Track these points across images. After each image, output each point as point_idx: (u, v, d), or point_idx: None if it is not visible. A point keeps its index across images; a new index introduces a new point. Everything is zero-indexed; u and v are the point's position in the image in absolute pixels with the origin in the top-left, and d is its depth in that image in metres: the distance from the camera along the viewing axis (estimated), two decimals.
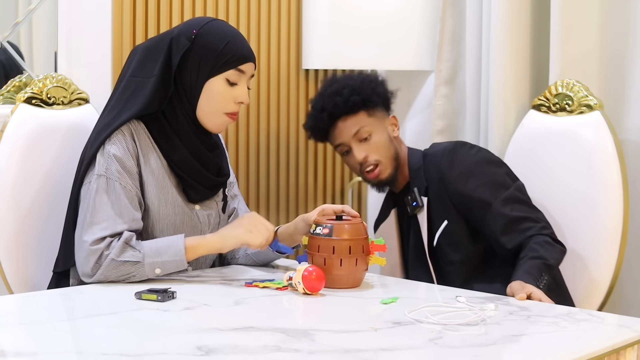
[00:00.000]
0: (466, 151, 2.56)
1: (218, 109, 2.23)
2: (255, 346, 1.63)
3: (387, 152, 2.60)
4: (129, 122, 2.19)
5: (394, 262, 2.67)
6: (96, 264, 2.08)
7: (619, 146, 2.61)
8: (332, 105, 2.60)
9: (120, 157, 2.15)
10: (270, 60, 3.31)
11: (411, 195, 2.58)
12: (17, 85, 2.71)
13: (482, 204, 2.46)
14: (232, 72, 2.22)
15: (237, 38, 2.25)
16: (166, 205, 2.21)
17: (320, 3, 3.30)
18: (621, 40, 2.88)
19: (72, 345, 1.67)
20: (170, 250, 2.11)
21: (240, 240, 2.15)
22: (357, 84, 2.61)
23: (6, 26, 2.75)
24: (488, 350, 1.66)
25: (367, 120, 2.60)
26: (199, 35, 2.22)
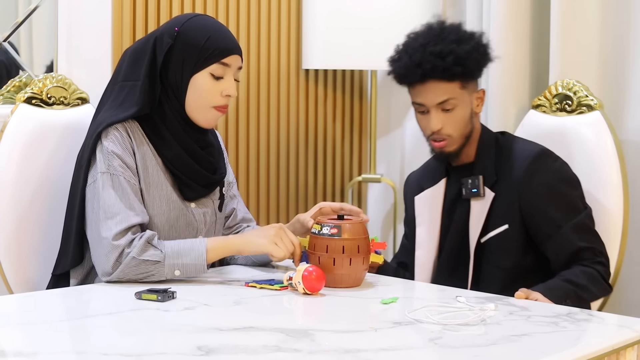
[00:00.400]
0: (550, 163, 2.42)
1: (205, 103, 2.23)
2: (255, 346, 1.63)
3: (462, 129, 2.42)
4: (124, 121, 2.19)
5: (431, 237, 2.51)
6: (116, 261, 2.08)
7: (619, 146, 2.61)
8: (431, 67, 2.38)
9: (119, 153, 2.16)
10: (270, 60, 3.31)
11: (473, 179, 2.43)
12: (17, 85, 2.71)
13: (553, 223, 2.36)
14: (215, 66, 2.21)
15: (219, 32, 2.25)
16: (160, 203, 2.21)
17: (320, 3, 3.30)
18: (621, 40, 2.88)
19: (72, 345, 1.67)
20: (192, 253, 2.11)
21: (263, 250, 2.15)
22: (464, 53, 2.38)
23: (6, 26, 2.75)
24: (488, 350, 1.66)
25: (458, 92, 2.41)
26: (180, 33, 2.22)
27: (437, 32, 2.43)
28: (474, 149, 2.47)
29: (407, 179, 2.67)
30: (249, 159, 3.28)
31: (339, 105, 3.57)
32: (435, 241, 2.50)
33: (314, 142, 3.49)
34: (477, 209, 2.41)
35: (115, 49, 2.87)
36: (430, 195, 2.52)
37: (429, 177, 2.56)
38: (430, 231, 2.49)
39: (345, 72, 3.59)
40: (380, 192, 3.70)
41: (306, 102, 3.46)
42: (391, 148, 3.68)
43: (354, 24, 3.26)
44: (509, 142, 2.48)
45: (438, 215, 2.50)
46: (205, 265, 2.12)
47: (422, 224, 2.51)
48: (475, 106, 2.45)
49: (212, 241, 2.14)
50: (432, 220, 2.50)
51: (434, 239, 2.50)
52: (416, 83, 2.41)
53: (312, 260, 2.10)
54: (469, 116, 2.43)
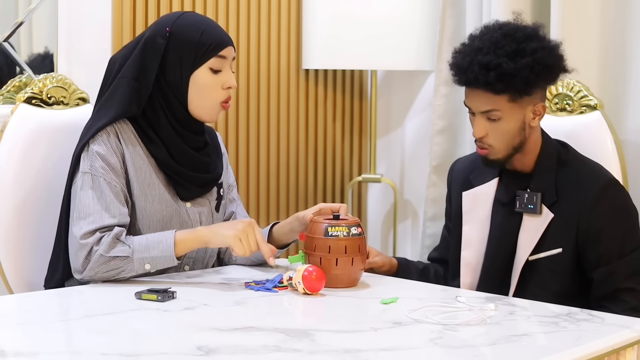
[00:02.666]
0: (616, 194, 2.31)
1: (210, 99, 2.23)
2: (255, 346, 1.63)
3: (508, 141, 2.30)
4: (113, 123, 2.19)
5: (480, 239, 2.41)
6: (86, 259, 2.09)
7: (619, 146, 2.61)
8: (474, 78, 2.26)
9: (103, 154, 2.16)
10: (270, 60, 3.31)
11: (530, 195, 2.31)
12: (17, 85, 2.71)
13: (605, 255, 2.26)
14: (213, 60, 2.21)
15: (211, 26, 2.25)
16: (153, 202, 2.21)
17: (320, 3, 3.30)
18: (621, 40, 2.88)
19: (72, 345, 1.67)
20: (160, 246, 2.11)
21: (227, 243, 2.12)
22: (511, 69, 2.23)
23: (6, 26, 2.75)
24: (488, 350, 1.66)
25: (505, 105, 2.27)
26: (173, 32, 2.22)
27: (497, 38, 2.28)
28: (532, 159, 2.35)
29: (453, 166, 2.57)
30: (249, 159, 3.28)
31: (339, 105, 3.57)
32: (484, 244, 2.40)
33: (314, 142, 3.49)
34: (531, 225, 2.31)
35: (115, 49, 2.87)
36: (480, 194, 2.42)
37: (479, 174, 2.44)
38: (480, 233, 2.40)
39: (345, 72, 3.59)
40: (380, 192, 3.70)
41: (306, 102, 3.46)
42: (391, 148, 3.68)
43: (354, 24, 3.26)
44: (574, 162, 2.35)
45: (488, 217, 2.40)
46: (174, 257, 2.12)
47: (470, 223, 2.42)
48: (531, 119, 2.30)
49: (181, 233, 2.14)
50: (482, 222, 2.40)
51: (483, 242, 2.40)
52: (464, 86, 2.33)
53: (313, 260, 2.10)
54: (517, 129, 2.29)
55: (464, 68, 2.28)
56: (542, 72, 2.26)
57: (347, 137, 3.61)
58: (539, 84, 2.28)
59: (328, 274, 2.05)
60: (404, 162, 3.66)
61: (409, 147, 3.65)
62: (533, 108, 2.30)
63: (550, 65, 2.28)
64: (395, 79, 3.66)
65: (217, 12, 3.14)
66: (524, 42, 2.26)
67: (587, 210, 2.26)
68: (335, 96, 3.55)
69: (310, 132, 3.47)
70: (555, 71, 2.31)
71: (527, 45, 2.26)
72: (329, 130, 3.54)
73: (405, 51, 3.29)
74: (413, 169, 3.62)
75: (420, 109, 3.59)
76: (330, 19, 3.28)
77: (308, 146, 3.47)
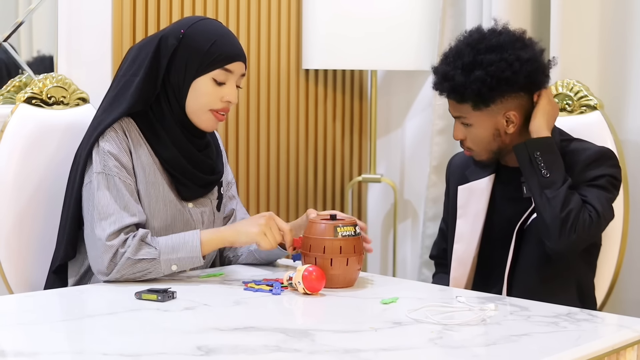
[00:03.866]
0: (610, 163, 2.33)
1: (204, 106, 2.22)
2: (255, 346, 1.63)
3: (485, 145, 2.35)
4: (120, 120, 2.20)
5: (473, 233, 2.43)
6: (111, 262, 2.09)
7: (619, 146, 2.61)
8: (435, 85, 2.38)
9: (115, 153, 2.16)
10: (270, 60, 3.31)
11: None
12: (17, 85, 2.71)
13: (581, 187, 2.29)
14: (218, 71, 2.21)
15: (225, 37, 2.24)
16: (157, 202, 2.21)
17: (320, 3, 3.30)
18: (621, 40, 2.88)
19: (72, 345, 1.67)
20: (186, 247, 2.12)
21: (253, 239, 2.15)
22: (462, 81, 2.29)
23: (6, 26, 2.75)
24: (488, 350, 1.66)
25: (470, 113, 2.33)
26: (186, 35, 2.22)
27: (461, 48, 2.34)
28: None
29: (450, 161, 2.59)
30: (249, 159, 3.28)
31: (339, 105, 3.57)
32: (477, 237, 2.43)
33: (314, 142, 3.49)
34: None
35: (115, 49, 2.87)
36: (475, 189, 2.44)
37: (475, 169, 2.47)
38: (474, 226, 2.43)
39: (345, 72, 3.59)
40: (380, 192, 3.70)
41: (306, 102, 3.46)
42: (391, 148, 3.68)
43: (354, 24, 3.26)
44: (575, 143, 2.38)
45: (482, 211, 2.43)
46: (201, 258, 2.13)
47: (463, 217, 2.45)
48: (505, 127, 2.33)
49: (205, 233, 2.15)
50: (475, 216, 2.43)
51: (476, 235, 2.43)
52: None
53: (308, 261, 2.10)
54: (490, 136, 2.34)
55: (435, 74, 2.39)
56: (497, 85, 2.27)
57: (347, 137, 3.61)
58: (495, 96, 2.29)
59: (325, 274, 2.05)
60: (404, 162, 3.66)
61: (409, 147, 3.65)
62: (504, 116, 2.32)
63: (506, 78, 2.27)
64: (395, 79, 3.66)
65: (217, 12, 3.14)
66: (483, 54, 2.29)
67: (578, 171, 2.30)
68: (335, 96, 3.55)
69: (310, 132, 3.48)
70: (517, 82, 2.29)
71: (484, 57, 2.28)
72: (329, 130, 3.54)
73: (405, 51, 3.29)
74: (413, 169, 3.62)
75: (420, 109, 3.59)
76: (330, 19, 3.28)
77: (308, 146, 3.47)
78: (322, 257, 2.07)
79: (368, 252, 2.20)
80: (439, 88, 2.37)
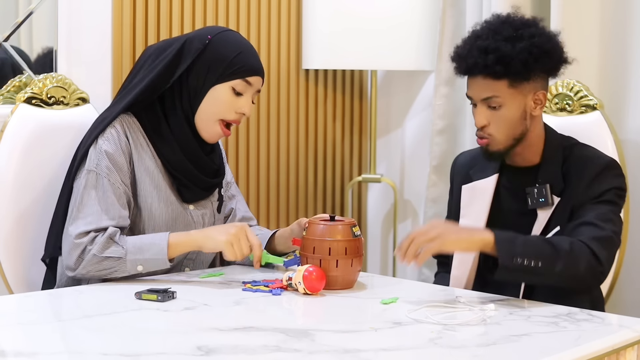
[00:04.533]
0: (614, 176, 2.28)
1: (216, 114, 2.23)
2: (255, 346, 1.63)
3: (509, 130, 2.29)
4: (121, 118, 2.20)
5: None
6: (79, 258, 2.10)
7: (619, 146, 2.61)
8: (473, 63, 2.27)
9: (111, 153, 2.17)
10: (270, 60, 3.31)
11: (539, 189, 2.29)
12: (17, 85, 2.71)
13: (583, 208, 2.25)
14: (239, 81, 2.23)
15: (250, 51, 2.27)
16: (159, 204, 2.22)
17: (320, 3, 3.30)
18: (621, 40, 2.88)
19: (72, 345, 1.67)
20: (153, 248, 2.12)
21: (219, 247, 2.14)
22: (509, 51, 2.24)
23: (6, 26, 2.75)
24: (488, 350, 1.66)
25: (505, 91, 2.26)
26: (212, 41, 2.24)
27: (496, 26, 2.31)
28: (536, 153, 2.34)
29: (456, 160, 2.56)
30: (249, 159, 3.28)
31: (339, 105, 3.57)
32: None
33: (314, 142, 3.49)
34: (543, 217, 2.29)
35: (115, 49, 2.87)
36: (478, 188, 2.41)
37: (479, 169, 2.44)
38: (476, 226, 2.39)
39: (345, 72, 3.59)
40: (380, 192, 3.70)
41: (306, 102, 3.46)
42: (391, 148, 3.68)
43: (354, 24, 3.26)
44: (579, 151, 2.34)
45: (484, 212, 2.39)
46: (167, 260, 2.13)
47: (466, 217, 2.42)
48: (532, 108, 2.29)
49: (174, 236, 2.14)
50: (478, 216, 2.40)
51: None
52: (465, 75, 2.33)
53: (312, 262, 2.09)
54: (518, 117, 2.29)
55: (464, 55, 2.29)
56: (540, 57, 2.26)
57: (347, 137, 3.61)
58: (538, 69, 2.28)
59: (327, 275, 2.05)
60: (404, 162, 3.66)
61: (409, 147, 3.65)
62: (534, 96, 2.29)
63: (548, 50, 2.28)
64: (395, 79, 3.66)
65: (217, 12, 3.14)
66: (522, 28, 2.28)
67: (583, 186, 2.25)
68: (335, 96, 3.55)
69: (310, 132, 3.47)
70: (554, 58, 2.30)
71: (524, 30, 2.28)
72: (329, 130, 3.54)
73: (405, 51, 3.29)
74: (413, 169, 3.62)
75: (420, 109, 3.59)
76: (330, 19, 3.28)
77: (308, 146, 3.47)
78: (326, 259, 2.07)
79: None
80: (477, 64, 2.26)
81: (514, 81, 2.26)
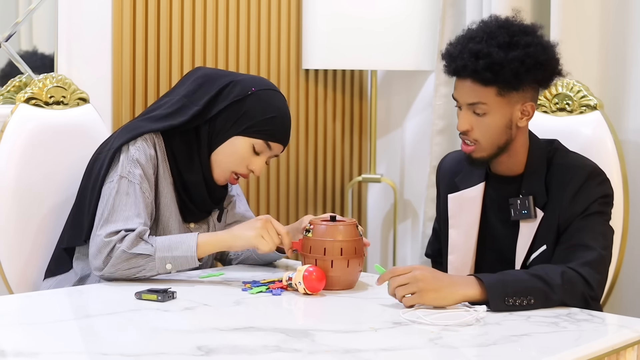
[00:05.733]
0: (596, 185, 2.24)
1: (228, 165, 2.27)
2: (255, 346, 1.64)
3: (493, 139, 2.24)
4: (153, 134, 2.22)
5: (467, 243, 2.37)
6: (108, 255, 2.10)
7: (619, 146, 2.61)
8: (462, 65, 2.21)
9: (143, 163, 2.19)
10: (270, 60, 3.31)
11: (522, 200, 2.26)
12: (17, 85, 2.71)
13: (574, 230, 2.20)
14: (261, 142, 2.25)
15: (285, 119, 2.28)
16: (169, 219, 2.25)
17: (320, 3, 3.30)
18: (621, 40, 2.88)
19: (72, 345, 1.67)
20: (182, 246, 2.12)
21: (250, 243, 2.15)
22: (501, 59, 2.18)
23: (6, 26, 2.75)
24: (488, 350, 1.66)
25: (491, 99, 2.21)
26: (254, 94, 2.26)
27: (492, 29, 2.24)
28: (520, 162, 2.30)
29: (440, 163, 2.52)
30: None
31: (339, 105, 3.57)
32: (472, 248, 2.37)
33: (314, 142, 3.49)
34: (526, 230, 2.27)
35: (115, 49, 2.87)
36: (466, 198, 2.37)
37: (464, 177, 2.39)
38: (467, 237, 2.37)
39: (345, 72, 3.59)
40: (380, 192, 3.70)
41: (306, 102, 3.46)
42: (391, 148, 3.68)
43: (354, 24, 3.26)
44: (560, 159, 2.30)
45: (475, 222, 2.35)
46: (196, 258, 2.13)
47: (456, 227, 2.39)
48: (518, 119, 2.24)
49: (203, 236, 2.16)
50: (469, 227, 2.37)
51: (471, 246, 2.37)
52: (454, 76, 2.28)
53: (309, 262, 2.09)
54: (502, 127, 2.23)
55: (455, 55, 2.24)
56: (533, 68, 2.20)
57: (347, 137, 3.61)
58: (529, 80, 2.22)
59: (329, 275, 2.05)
60: (404, 162, 3.66)
61: (409, 147, 3.65)
62: (521, 107, 2.24)
63: (542, 62, 2.22)
64: (395, 79, 3.66)
65: (217, 12, 3.14)
66: (518, 36, 2.22)
67: (567, 201, 2.22)
68: (335, 96, 3.55)
69: (310, 132, 3.47)
70: (548, 70, 2.25)
71: (520, 38, 2.21)
72: (329, 130, 3.54)
73: (405, 51, 3.29)
74: (413, 169, 3.62)
75: (420, 109, 3.59)
76: (330, 19, 3.28)
77: (308, 146, 3.47)
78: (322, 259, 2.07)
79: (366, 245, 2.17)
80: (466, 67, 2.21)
81: (502, 90, 2.20)
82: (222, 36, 3.15)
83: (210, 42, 3.12)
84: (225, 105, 2.24)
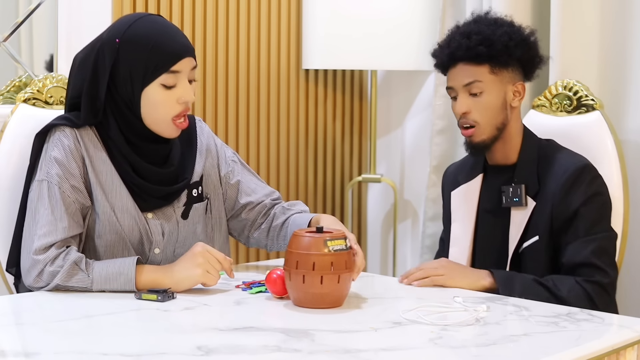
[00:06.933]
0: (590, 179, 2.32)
1: (163, 116, 2.10)
2: (255, 346, 1.64)
3: (491, 118, 2.35)
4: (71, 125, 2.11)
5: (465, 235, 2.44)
6: (37, 277, 2.01)
7: (619, 146, 2.61)
8: (457, 46, 2.35)
9: (60, 159, 2.08)
10: (270, 60, 3.31)
11: (515, 188, 2.34)
12: (17, 85, 2.71)
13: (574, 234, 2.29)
14: (165, 76, 2.07)
15: (165, 36, 2.08)
16: (115, 210, 2.12)
17: (320, 3, 3.30)
18: (621, 40, 2.88)
19: (72, 345, 1.67)
20: (120, 279, 2.01)
21: (197, 282, 2.03)
22: (492, 35, 2.33)
23: (6, 26, 2.75)
24: (488, 350, 1.66)
25: (486, 77, 2.34)
26: (122, 44, 2.07)
27: (476, 18, 2.44)
28: (514, 151, 2.39)
29: (445, 171, 2.61)
30: (249, 159, 3.28)
31: (339, 105, 3.57)
32: (469, 240, 2.43)
33: (314, 142, 3.49)
34: (518, 218, 2.34)
35: None
36: (465, 191, 2.46)
37: (465, 172, 2.49)
38: (465, 229, 2.44)
39: (345, 72, 3.59)
40: (380, 192, 3.70)
41: (306, 102, 3.46)
42: (391, 148, 3.68)
43: (354, 24, 3.26)
44: (553, 151, 2.39)
45: (473, 213, 2.43)
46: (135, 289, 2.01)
47: (457, 220, 2.46)
48: (511, 98, 2.37)
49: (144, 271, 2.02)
50: (467, 218, 2.44)
51: (468, 238, 2.43)
52: (447, 66, 2.39)
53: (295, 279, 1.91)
54: (499, 105, 2.35)
55: (446, 43, 2.39)
56: (520, 43, 2.37)
57: (347, 137, 3.61)
58: (517, 56, 2.36)
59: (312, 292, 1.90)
60: (404, 162, 3.66)
61: (409, 147, 3.65)
62: (513, 87, 2.38)
63: (526, 38, 2.38)
64: (395, 79, 3.66)
65: (217, 12, 3.14)
66: (501, 20, 2.42)
67: (560, 194, 2.30)
68: (335, 96, 3.55)
69: (310, 132, 3.47)
70: (532, 48, 2.40)
71: (503, 21, 2.41)
72: (329, 130, 3.54)
73: (405, 51, 3.29)
74: (413, 169, 3.62)
75: (420, 109, 3.59)
76: (330, 19, 3.28)
77: (308, 146, 3.47)
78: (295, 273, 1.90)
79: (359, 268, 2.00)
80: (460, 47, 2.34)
81: (494, 67, 2.34)
82: (222, 36, 3.15)
83: (210, 42, 3.12)
84: (107, 76, 2.08)
